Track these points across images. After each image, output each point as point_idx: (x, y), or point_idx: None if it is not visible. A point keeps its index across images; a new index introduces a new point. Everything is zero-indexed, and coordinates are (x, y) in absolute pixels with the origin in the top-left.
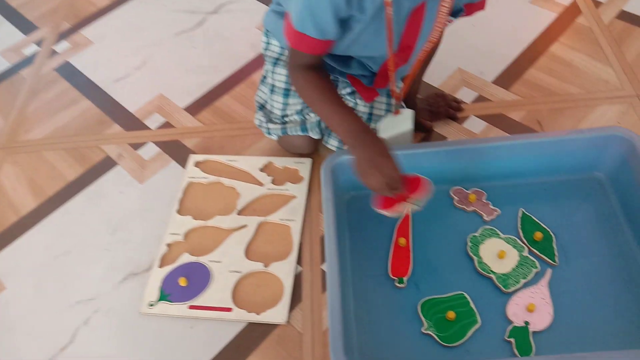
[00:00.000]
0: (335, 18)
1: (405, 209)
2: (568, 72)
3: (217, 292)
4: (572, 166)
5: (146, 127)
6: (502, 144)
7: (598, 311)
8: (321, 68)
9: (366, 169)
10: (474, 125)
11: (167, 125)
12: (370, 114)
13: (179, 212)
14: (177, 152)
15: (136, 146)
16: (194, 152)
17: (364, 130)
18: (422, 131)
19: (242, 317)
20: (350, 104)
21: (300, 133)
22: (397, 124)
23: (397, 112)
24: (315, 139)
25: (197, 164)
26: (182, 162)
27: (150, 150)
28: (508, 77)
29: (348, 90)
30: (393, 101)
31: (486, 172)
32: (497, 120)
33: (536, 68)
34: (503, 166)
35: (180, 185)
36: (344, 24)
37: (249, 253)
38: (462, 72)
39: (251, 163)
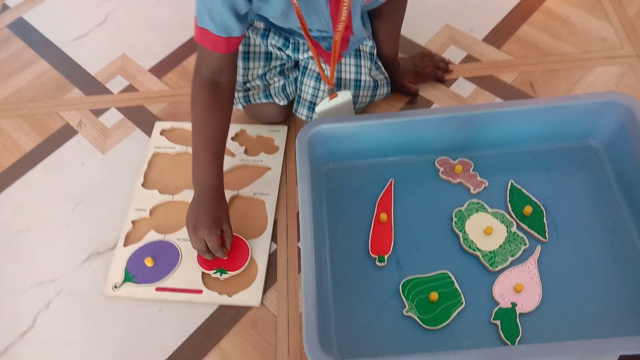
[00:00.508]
0: (233, 14)
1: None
2: (563, 29)
3: (187, 273)
4: (565, 134)
5: (108, 91)
6: (492, 111)
7: (589, 291)
8: (225, 92)
9: (193, 225)
10: (462, 88)
11: (130, 88)
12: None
13: (144, 185)
14: (142, 118)
15: (98, 112)
16: (159, 119)
17: (214, 187)
18: (407, 95)
19: (213, 299)
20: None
21: (263, 100)
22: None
23: (334, 96)
24: (285, 107)
25: (163, 132)
26: (148, 129)
27: (112, 117)
28: (499, 35)
29: (310, 54)
30: (324, 87)
31: (474, 140)
32: (486, 82)
33: (529, 24)
34: (492, 134)
35: (145, 156)
36: (247, 17)
37: None
38: (450, 29)
39: None
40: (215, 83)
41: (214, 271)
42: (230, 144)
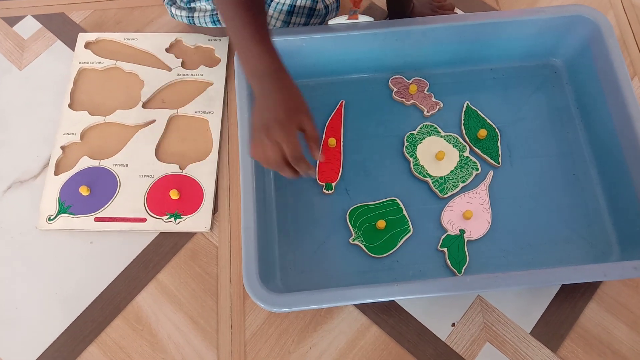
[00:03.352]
0: None
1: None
2: None
3: (127, 201)
4: (526, 52)
5: None
6: (450, 24)
7: (539, 218)
8: None
9: (264, 127)
10: None
11: None
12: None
13: (71, 106)
14: (63, 28)
15: (12, 21)
16: (83, 30)
17: (275, 69)
18: None
19: (159, 227)
20: None
21: (210, 25)
22: None
23: (354, 17)
24: None
25: (89, 45)
26: (71, 42)
27: (29, 27)
28: None
29: None
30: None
31: (430, 57)
32: None
33: None
34: (449, 51)
35: (70, 73)
36: None
37: (160, 154)
38: None
39: (155, 42)
40: None
41: (167, 216)
42: (165, 57)
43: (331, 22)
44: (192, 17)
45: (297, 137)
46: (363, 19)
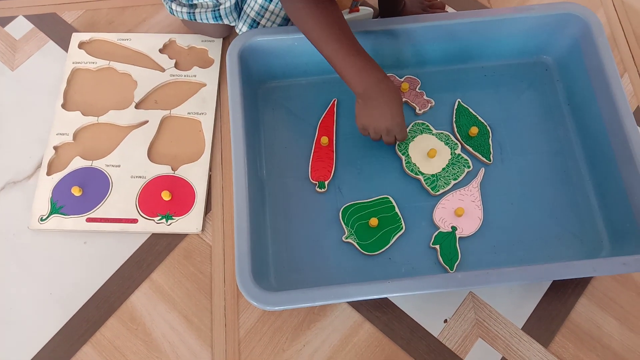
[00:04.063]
0: None
1: None
2: None
3: (119, 202)
4: (517, 49)
5: None
6: (442, 23)
7: (530, 215)
8: None
9: (377, 115)
10: None
11: None
12: None
13: (65, 106)
14: (55, 28)
15: (3, 21)
16: (75, 30)
17: (383, 80)
18: None
19: (150, 228)
20: None
21: (211, 21)
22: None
23: (354, 10)
24: (232, 25)
25: (82, 45)
26: (63, 42)
27: (21, 27)
28: None
29: None
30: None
31: (422, 55)
32: None
33: None
34: (440, 49)
35: (63, 73)
36: None
37: (152, 155)
38: None
39: (148, 42)
40: None
41: (159, 217)
42: (159, 57)
43: None
44: (193, 13)
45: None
46: (364, 11)
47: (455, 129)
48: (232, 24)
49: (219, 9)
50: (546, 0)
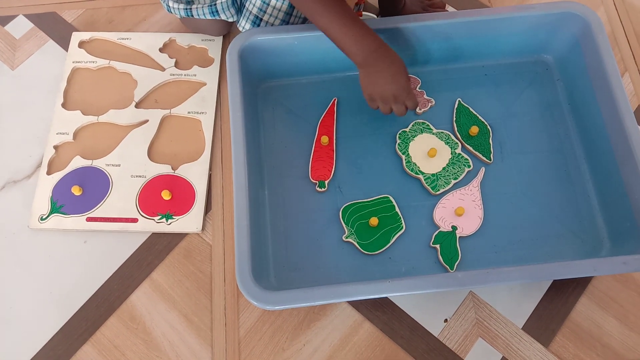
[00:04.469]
0: None
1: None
2: None
3: (119, 201)
4: (518, 48)
5: None
6: (440, 22)
7: (530, 214)
8: None
9: (381, 81)
10: None
11: None
12: None
13: (65, 106)
14: (55, 28)
15: (3, 20)
16: (75, 29)
17: (382, 46)
18: None
19: (150, 227)
20: None
21: (208, 17)
22: None
23: (357, 14)
24: (230, 22)
25: (82, 44)
26: (63, 41)
27: (21, 26)
28: None
29: None
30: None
31: (422, 55)
32: None
33: None
34: (440, 48)
35: (63, 72)
36: None
37: (152, 154)
38: None
39: (148, 41)
40: None
41: (159, 217)
42: (159, 56)
43: None
44: (190, 9)
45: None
46: (366, 17)
47: (456, 128)
48: (230, 20)
49: (215, 4)
50: None
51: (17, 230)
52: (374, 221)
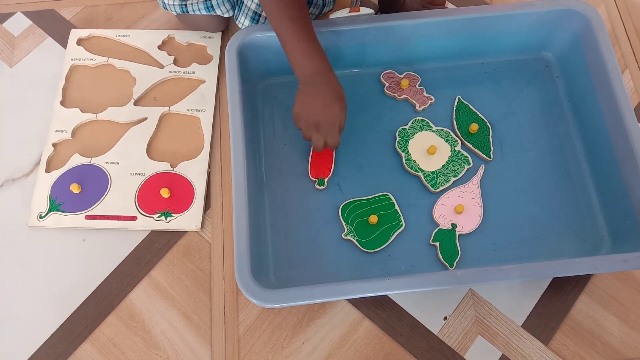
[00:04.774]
0: None
1: None
2: None
3: (118, 199)
4: (518, 45)
5: None
6: (440, 19)
7: (530, 212)
8: None
9: (311, 105)
10: None
11: None
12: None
13: (63, 103)
14: (53, 25)
15: (1, 18)
16: (74, 26)
17: (327, 72)
18: None
19: (149, 225)
20: None
21: (204, 12)
22: None
23: (355, 10)
24: (226, 17)
25: (81, 42)
26: (61, 39)
27: (19, 24)
28: None
29: None
30: None
31: (422, 52)
32: None
33: None
34: (440, 45)
35: (62, 70)
36: None
37: (151, 151)
38: None
39: (147, 39)
40: None
41: (158, 215)
42: (157, 54)
43: (332, 15)
44: (185, 5)
45: (339, 133)
46: (365, 11)
47: (456, 126)
48: (226, 15)
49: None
50: None
51: (16, 229)
52: (373, 219)
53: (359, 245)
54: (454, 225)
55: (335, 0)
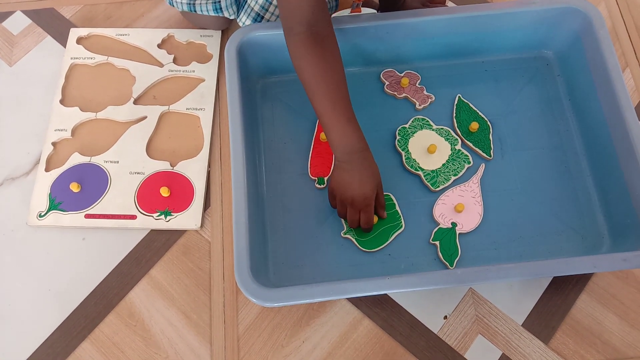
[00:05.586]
0: None
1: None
2: None
3: (117, 198)
4: (518, 44)
5: None
6: (440, 17)
7: (530, 210)
8: (330, 40)
9: (347, 181)
10: None
11: None
12: None
13: (63, 102)
14: (53, 24)
15: (1, 16)
16: (73, 25)
17: (364, 150)
18: None
19: (149, 224)
20: None
21: (212, 13)
22: None
23: (356, 10)
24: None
25: (80, 40)
26: (61, 37)
27: (19, 22)
28: None
29: None
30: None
31: (421, 51)
32: None
33: None
34: (440, 44)
35: (61, 69)
36: None
37: (151, 150)
38: None
39: (147, 37)
40: (316, 34)
41: (157, 214)
42: (157, 52)
43: (333, 16)
44: (194, 4)
45: (373, 209)
46: (366, 11)
47: (456, 125)
48: (232, 17)
49: (219, 1)
50: None
51: (15, 227)
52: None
53: (357, 245)
54: (454, 224)
55: (338, 2)
